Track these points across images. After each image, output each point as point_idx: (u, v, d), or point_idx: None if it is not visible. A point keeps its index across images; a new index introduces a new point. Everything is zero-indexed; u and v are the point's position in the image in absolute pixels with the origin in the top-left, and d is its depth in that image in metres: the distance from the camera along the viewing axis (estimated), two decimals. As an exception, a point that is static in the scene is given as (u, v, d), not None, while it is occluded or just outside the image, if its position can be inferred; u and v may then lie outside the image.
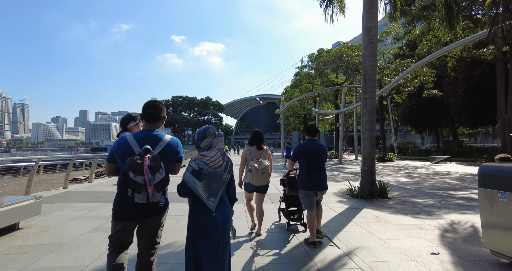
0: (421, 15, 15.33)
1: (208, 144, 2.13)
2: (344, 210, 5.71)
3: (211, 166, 2.02)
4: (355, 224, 4.65)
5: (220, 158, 2.08)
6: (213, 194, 2.01)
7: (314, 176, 3.73)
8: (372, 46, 7.30)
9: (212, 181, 2.01)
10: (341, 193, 7.74)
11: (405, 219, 4.93)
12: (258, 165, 3.91)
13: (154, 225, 2.11)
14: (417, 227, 4.42)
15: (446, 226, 4.46)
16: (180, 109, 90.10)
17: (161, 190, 1.94)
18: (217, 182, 2.03)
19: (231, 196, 2.22)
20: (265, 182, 4.00)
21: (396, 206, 6.07)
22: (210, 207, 2.00)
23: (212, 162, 2.03)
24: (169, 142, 2.10)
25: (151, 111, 2.13)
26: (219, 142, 2.18)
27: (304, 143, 3.88)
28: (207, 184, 1.99)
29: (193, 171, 1.99)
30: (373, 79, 7.38)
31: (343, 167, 16.96)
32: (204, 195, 1.98)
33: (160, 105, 2.18)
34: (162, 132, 2.15)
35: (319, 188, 3.74)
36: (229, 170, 2.13)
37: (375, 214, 5.36)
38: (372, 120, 7.37)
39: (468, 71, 22.29)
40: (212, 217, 2.00)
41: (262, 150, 4.13)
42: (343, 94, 23.19)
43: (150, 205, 2.01)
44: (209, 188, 2.00)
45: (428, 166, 17.19)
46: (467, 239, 3.85)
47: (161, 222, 2.17)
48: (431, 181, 10.24)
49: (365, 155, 7.33)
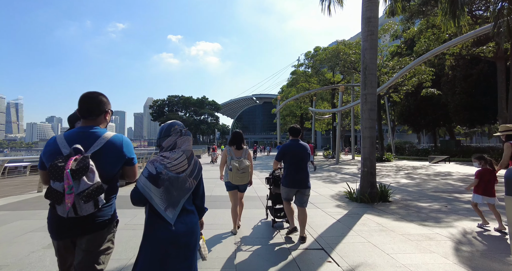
0: (420, 11, 14.89)
1: (172, 143, 1.80)
2: (343, 216, 5.17)
3: (172, 170, 1.70)
4: (356, 234, 4.11)
5: (185, 161, 1.76)
6: (172, 204, 1.69)
7: (296, 174, 3.87)
8: (372, 38, 6.77)
9: (172, 188, 1.69)
10: (339, 196, 7.21)
11: (411, 227, 4.40)
12: (239, 164, 4.00)
13: (88, 247, 1.64)
14: (426, 238, 3.89)
15: (459, 237, 3.93)
16: (176, 109, 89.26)
17: (90, 200, 1.49)
18: (179, 189, 1.71)
19: (198, 206, 1.90)
20: (245, 181, 4.12)
21: (400, 211, 5.55)
22: (168, 220, 1.67)
23: (174, 165, 1.71)
24: (110, 140, 1.71)
25: (86, 105, 1.76)
26: (185, 141, 1.84)
27: (288, 143, 4.03)
28: (166, 191, 1.67)
29: (149, 175, 1.66)
30: (374, 73, 6.86)
31: (340, 167, 16.46)
32: (161, 204, 1.66)
33: (99, 97, 1.79)
34: (103, 129, 1.78)
35: (301, 186, 3.87)
36: (195, 175, 1.81)
37: (377, 220, 4.83)
38: (373, 118, 6.84)
39: (467, 69, 21.93)
40: (171, 230, 1.66)
41: (242, 149, 4.25)
42: (340, 93, 22.71)
43: (81, 220, 1.57)
44: (168, 196, 1.68)
45: (428, 166, 16.76)
46: (486, 253, 3.32)
47: (101, 243, 1.68)
48: (433, 182, 9.76)
49: (365, 155, 6.80)
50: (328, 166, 17.74)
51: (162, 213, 1.67)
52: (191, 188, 1.78)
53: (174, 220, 1.68)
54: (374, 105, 6.88)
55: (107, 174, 1.65)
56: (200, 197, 1.92)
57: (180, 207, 1.72)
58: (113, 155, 1.70)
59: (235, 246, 3.64)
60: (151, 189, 1.65)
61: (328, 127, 36.70)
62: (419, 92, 23.66)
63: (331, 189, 8.44)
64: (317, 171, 14.65)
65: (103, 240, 1.69)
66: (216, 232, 4.21)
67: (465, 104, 22.06)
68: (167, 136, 1.82)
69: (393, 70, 20.62)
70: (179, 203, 1.71)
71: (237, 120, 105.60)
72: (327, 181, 10.45)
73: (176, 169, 1.71)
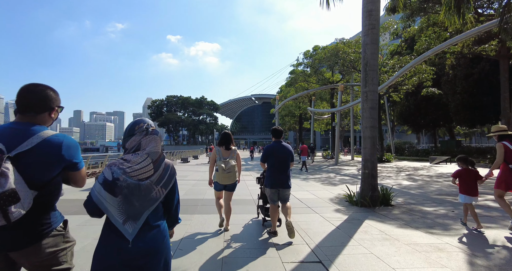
0: (421, 8, 14.53)
1: (136, 144, 1.50)
2: (343, 222, 4.79)
3: (133, 176, 1.41)
4: (357, 244, 3.72)
5: (150, 165, 1.46)
6: (132, 216, 1.41)
7: (278, 175, 3.97)
8: (373, 32, 6.40)
9: (133, 197, 1.41)
10: (339, 199, 6.83)
11: (418, 236, 4.02)
12: (224, 164, 4.11)
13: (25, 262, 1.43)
14: (435, 248, 3.50)
15: (472, 247, 3.54)
16: (174, 109, 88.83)
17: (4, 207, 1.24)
18: (142, 199, 1.43)
19: (172, 216, 1.66)
20: (231, 181, 4.21)
21: (403, 216, 5.17)
22: (126, 235, 1.39)
23: (135, 170, 1.42)
24: (46, 140, 1.43)
25: (26, 99, 1.49)
26: (152, 141, 1.52)
27: (270, 145, 4.13)
28: (125, 201, 1.40)
29: (104, 182, 1.39)
30: (375, 70, 6.48)
31: (339, 168, 16.09)
32: (118, 216, 1.39)
33: (45, 91, 1.53)
34: (42, 127, 1.48)
35: (281, 186, 3.98)
36: (165, 183, 1.52)
37: (380, 227, 4.44)
38: (374, 117, 6.47)
39: (468, 68, 21.59)
40: (128, 249, 1.38)
41: (230, 150, 4.32)
42: (340, 92, 22.37)
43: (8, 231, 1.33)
44: (128, 207, 1.40)
45: (429, 167, 16.40)
46: (506, 268, 2.94)
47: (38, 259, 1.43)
48: (436, 184, 9.39)
49: (366, 157, 6.42)
50: (327, 167, 17.37)
51: (119, 227, 1.39)
52: (158, 198, 1.48)
53: (133, 235, 1.40)
54: (376, 104, 6.50)
55: (37, 179, 1.40)
56: (175, 208, 1.66)
57: (142, 220, 1.43)
58: (47, 157, 1.43)
59: (225, 244, 3.74)
60: (106, 198, 1.38)
61: (327, 128, 36.37)
62: (419, 92, 23.33)
63: (330, 191, 8.06)
64: (316, 172, 14.27)
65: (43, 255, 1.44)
66: (205, 239, 3.83)
67: (466, 104, 21.73)
68: (131, 135, 1.52)
69: (393, 69, 20.27)
70: (141, 216, 1.43)
71: (236, 120, 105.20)
72: (326, 182, 10.07)
73: (137, 175, 1.42)
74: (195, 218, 5.06)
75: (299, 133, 39.99)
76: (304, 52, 28.62)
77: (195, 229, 4.38)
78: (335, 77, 29.87)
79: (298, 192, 7.97)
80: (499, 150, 4.22)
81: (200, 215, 5.33)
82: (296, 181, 10.55)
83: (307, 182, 10.20)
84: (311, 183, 9.90)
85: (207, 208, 5.89)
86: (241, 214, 5.29)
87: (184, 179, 11.32)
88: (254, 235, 4.12)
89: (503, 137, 4.34)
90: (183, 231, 4.24)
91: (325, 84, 27.57)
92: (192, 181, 10.45)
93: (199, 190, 8.25)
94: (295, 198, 6.97)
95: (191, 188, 8.77)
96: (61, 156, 1.46)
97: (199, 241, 3.85)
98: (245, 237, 4.04)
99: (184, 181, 10.61)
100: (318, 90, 28.60)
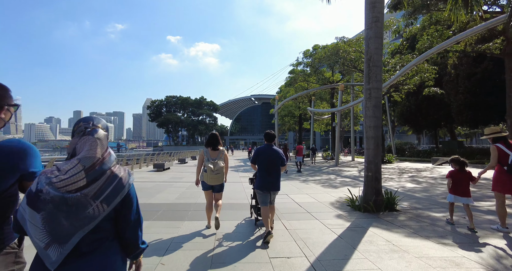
0: (424, 5, 14.14)
1: (72, 148, 1.21)
2: (346, 230, 4.38)
3: (59, 187, 1.09)
4: (362, 256, 3.32)
5: (80, 174, 1.12)
6: (58, 239, 1.09)
7: (268, 178, 4.00)
8: (377, 26, 6.00)
9: (60, 214, 1.08)
10: (340, 203, 6.43)
11: (429, 247, 3.60)
12: (213, 165, 4.13)
13: None
14: (451, 263, 3.09)
15: (492, 262, 3.13)
16: (174, 109, 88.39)
17: None
18: (72, 217, 1.10)
19: (127, 240, 1.27)
20: (219, 182, 4.24)
21: (411, 223, 4.76)
22: (47, 263, 1.08)
23: (62, 180, 1.10)
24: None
25: None
26: (86, 144, 1.19)
27: (261, 147, 4.18)
28: (50, 218, 1.08)
29: (28, 194, 1.10)
30: (379, 65, 6.08)
31: (340, 170, 15.68)
32: (40, 238, 1.07)
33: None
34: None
35: (271, 188, 4.03)
36: (106, 197, 1.16)
37: (386, 237, 4.03)
38: (378, 116, 6.06)
39: (470, 68, 21.17)
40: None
41: (218, 150, 4.30)
42: (340, 92, 21.97)
43: None
44: (53, 226, 1.08)
45: (432, 168, 16.00)
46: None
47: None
48: (441, 187, 8.97)
49: (369, 158, 6.01)
50: (327, 168, 16.96)
51: (40, 253, 1.09)
52: (96, 217, 1.14)
53: (56, 264, 1.08)
54: (380, 102, 6.10)
55: None
56: (131, 229, 1.28)
57: (72, 244, 1.10)
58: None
59: (217, 242, 3.80)
60: (27, 213, 1.08)
61: (327, 128, 35.92)
62: (420, 92, 22.89)
63: (330, 194, 7.65)
64: (316, 173, 13.86)
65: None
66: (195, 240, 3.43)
67: (469, 104, 21.30)
68: (72, 137, 1.26)
69: (395, 68, 19.87)
70: (70, 239, 1.10)
71: (236, 121, 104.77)
72: (326, 185, 9.66)
73: (64, 186, 1.10)
74: (185, 226, 4.66)
75: (299, 134, 39.53)
76: (304, 51, 28.18)
77: (183, 238, 3.98)
78: (335, 77, 29.48)
79: (297, 195, 7.57)
80: (492, 152, 4.27)
81: (190, 222, 4.92)
82: (295, 183, 10.14)
83: (307, 184, 9.79)
84: (311, 185, 9.49)
85: (200, 213, 5.48)
86: (234, 220, 4.88)
87: (179, 181, 10.91)
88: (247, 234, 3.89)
89: (497, 139, 4.35)
90: (169, 241, 3.84)
91: (325, 84, 27.17)
92: (187, 183, 10.03)
93: (192, 193, 7.84)
94: (294, 202, 6.57)
95: (185, 190, 8.37)
96: (15, 164, 1.29)
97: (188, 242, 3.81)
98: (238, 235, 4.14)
99: (179, 183, 10.20)
100: (318, 90, 28.20)
